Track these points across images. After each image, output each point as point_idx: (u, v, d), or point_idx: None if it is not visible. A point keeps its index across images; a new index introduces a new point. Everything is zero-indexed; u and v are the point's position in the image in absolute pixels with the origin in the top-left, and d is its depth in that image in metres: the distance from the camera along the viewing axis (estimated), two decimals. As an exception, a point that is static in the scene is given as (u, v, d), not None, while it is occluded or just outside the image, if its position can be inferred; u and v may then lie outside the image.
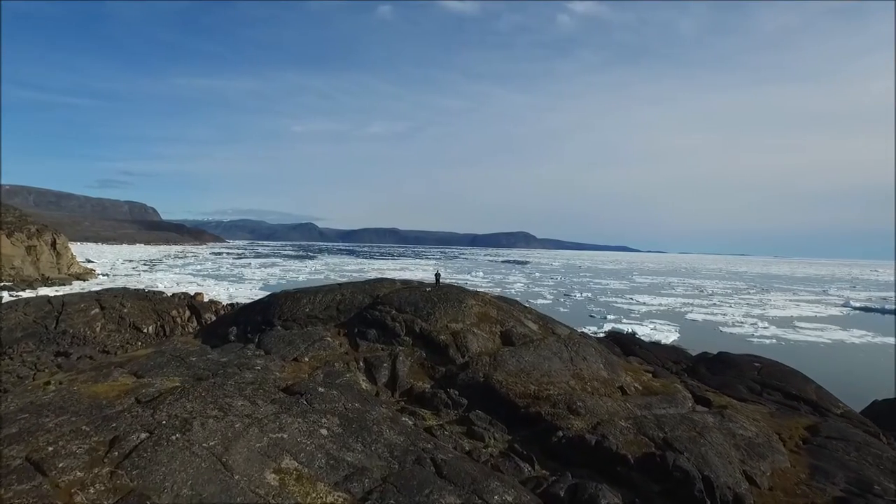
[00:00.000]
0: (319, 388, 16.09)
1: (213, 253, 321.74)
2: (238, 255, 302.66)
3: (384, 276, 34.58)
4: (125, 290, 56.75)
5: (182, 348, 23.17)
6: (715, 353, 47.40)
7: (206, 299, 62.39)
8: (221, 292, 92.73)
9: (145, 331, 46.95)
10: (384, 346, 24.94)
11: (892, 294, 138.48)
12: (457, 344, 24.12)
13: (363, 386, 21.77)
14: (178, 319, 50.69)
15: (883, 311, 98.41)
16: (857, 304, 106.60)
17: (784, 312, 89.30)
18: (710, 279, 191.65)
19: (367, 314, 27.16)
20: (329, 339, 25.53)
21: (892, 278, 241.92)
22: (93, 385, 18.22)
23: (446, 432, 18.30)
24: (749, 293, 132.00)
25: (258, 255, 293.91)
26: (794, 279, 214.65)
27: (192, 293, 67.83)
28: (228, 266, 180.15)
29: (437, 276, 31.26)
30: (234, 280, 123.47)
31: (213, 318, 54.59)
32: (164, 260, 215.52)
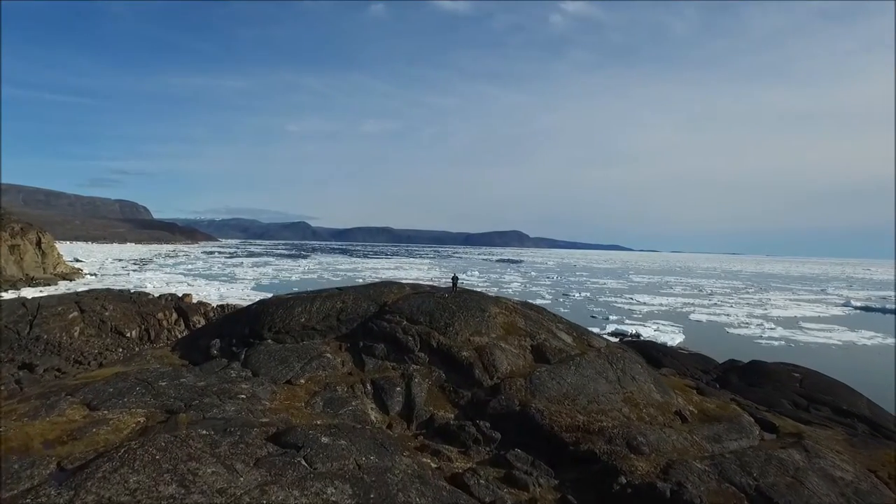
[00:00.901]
0: (322, 439, 12.05)
1: (205, 252, 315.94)
2: (230, 254, 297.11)
3: (389, 280, 30.59)
4: (108, 291, 52.44)
5: (152, 369, 19.09)
6: (729, 357, 43.81)
7: (194, 301, 58.28)
8: (212, 293, 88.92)
9: (128, 335, 42.95)
10: (395, 365, 20.97)
11: (890, 294, 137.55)
12: (483, 362, 20.20)
13: (372, 417, 17.82)
14: (165, 322, 46.75)
15: (884, 311, 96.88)
16: (858, 304, 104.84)
17: (787, 313, 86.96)
18: (706, 278, 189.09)
19: (374, 325, 23.17)
20: (329, 355, 21.53)
21: (887, 277, 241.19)
22: (28, 423, 14.19)
23: (481, 480, 14.38)
24: (748, 293, 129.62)
25: (250, 255, 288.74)
26: (790, 278, 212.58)
27: (180, 294, 63.62)
28: (220, 265, 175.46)
29: (455, 279, 27.32)
30: (225, 280, 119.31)
31: (202, 320, 50.54)
32: (155, 259, 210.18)
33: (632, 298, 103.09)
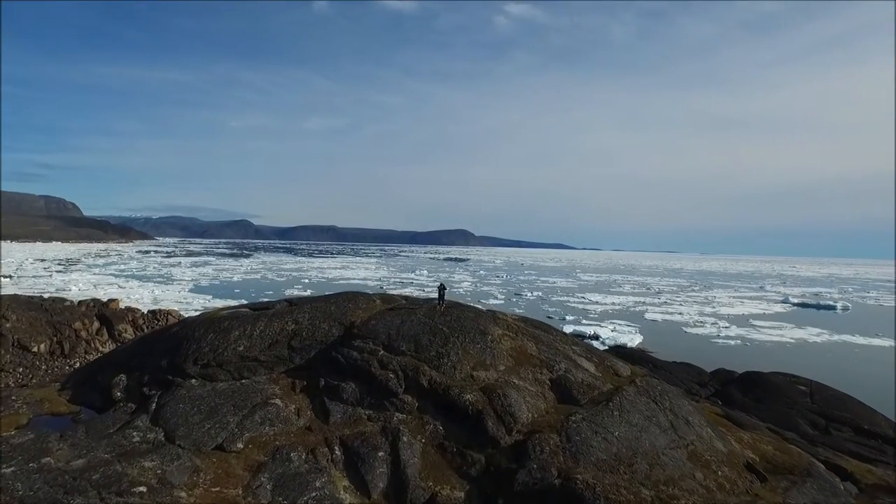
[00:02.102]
0: None
1: (140, 251, 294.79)
2: (167, 253, 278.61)
3: (354, 292, 24.62)
4: (14, 298, 43.45)
5: (4, 441, 12.49)
6: (704, 363, 40.83)
7: (121, 306, 49.85)
8: (146, 295, 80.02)
9: (35, 350, 35.31)
10: (373, 414, 15.18)
11: (820, 290, 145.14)
12: (495, 408, 14.71)
13: (347, 502, 12.02)
14: (84, 333, 39.22)
15: (818, 307, 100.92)
16: (796, 301, 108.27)
17: (735, 311, 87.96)
18: (651, 276, 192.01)
19: (339, 355, 17.22)
20: (279, 401, 15.48)
21: (813, 274, 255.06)
22: None
23: None
24: (694, 290, 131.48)
25: (189, 254, 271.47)
26: (728, 276, 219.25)
27: (106, 299, 54.68)
28: (156, 265, 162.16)
29: (442, 290, 21.41)
30: (161, 281, 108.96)
31: (129, 329, 42.85)
32: (83, 259, 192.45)
33: (584, 297, 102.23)
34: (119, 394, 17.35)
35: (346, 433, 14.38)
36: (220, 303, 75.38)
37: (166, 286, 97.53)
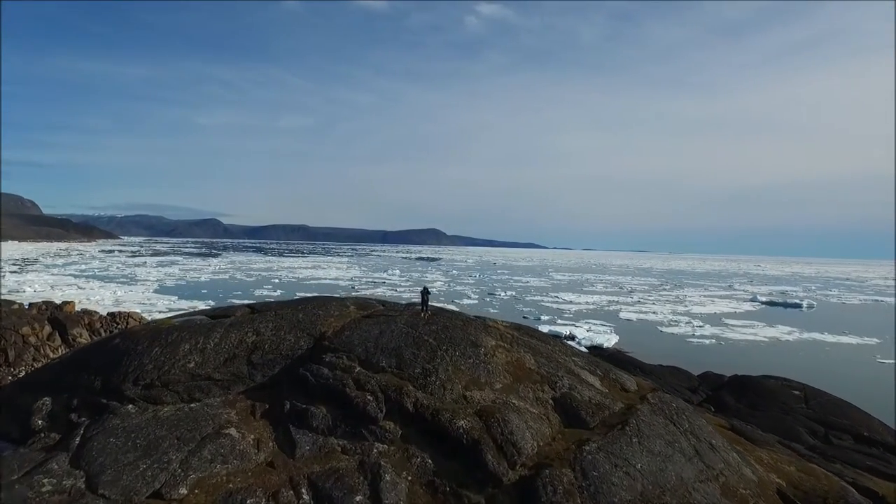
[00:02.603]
0: None
1: (103, 251, 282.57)
2: (132, 252, 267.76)
3: (325, 297, 22.02)
4: None
5: None
6: (700, 368, 39.57)
7: (77, 309, 45.83)
8: (107, 296, 75.79)
9: None
10: (348, 445, 12.68)
11: (786, 288, 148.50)
12: (494, 437, 12.38)
13: (317, 566, 9.54)
14: (33, 339, 35.67)
15: (785, 305, 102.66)
16: (764, 299, 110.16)
17: (706, 309, 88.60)
18: (623, 275, 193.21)
19: (308, 373, 14.63)
20: (234, 431, 12.85)
21: (778, 273, 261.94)
22: None
23: None
24: (665, 289, 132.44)
25: (155, 253, 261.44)
26: (697, 275, 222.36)
27: (60, 301, 50.32)
28: (119, 265, 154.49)
29: (426, 293, 18.76)
30: (123, 281, 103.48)
31: (85, 334, 39.26)
32: (41, 259, 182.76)
33: (557, 297, 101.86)
34: (40, 422, 14.44)
35: (315, 470, 11.86)
36: (185, 304, 71.38)
37: (129, 287, 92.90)
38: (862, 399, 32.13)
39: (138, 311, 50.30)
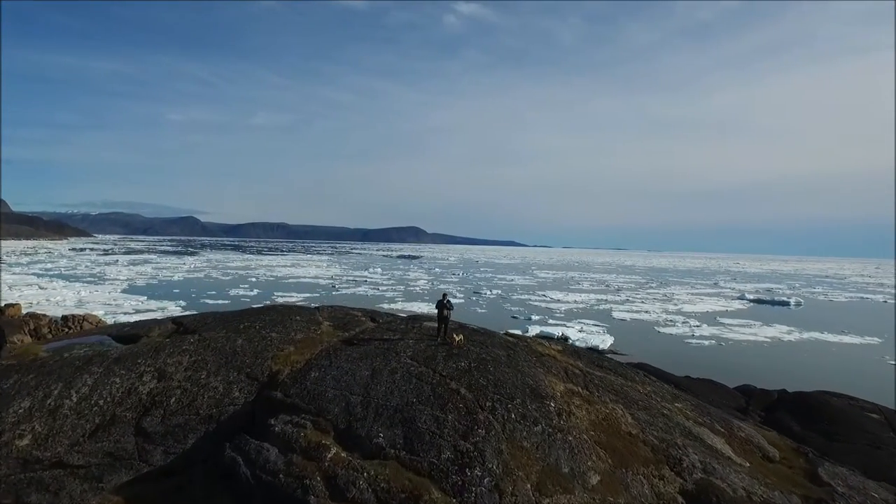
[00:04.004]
0: None
1: (74, 249, 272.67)
2: (104, 251, 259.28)
3: (286, 305, 18.02)
4: None
5: None
6: (701, 373, 35.69)
7: (23, 312, 42.00)
8: (69, 297, 71.35)
9: None
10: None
11: (771, 286, 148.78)
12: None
13: None
14: None
15: (774, 303, 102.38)
16: (751, 297, 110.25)
17: (697, 308, 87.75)
18: (607, 273, 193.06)
19: (240, 458, 9.39)
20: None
21: (757, 270, 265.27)
22: None
23: None
24: (652, 287, 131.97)
25: (129, 252, 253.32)
26: (679, 272, 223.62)
27: (15, 301, 46.13)
28: (88, 264, 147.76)
29: (444, 306, 13.49)
30: (91, 281, 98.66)
31: (27, 341, 35.75)
32: (5, 258, 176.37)
33: (545, 296, 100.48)
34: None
35: None
36: (154, 304, 67.74)
37: (96, 287, 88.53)
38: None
39: (100, 313, 46.68)
